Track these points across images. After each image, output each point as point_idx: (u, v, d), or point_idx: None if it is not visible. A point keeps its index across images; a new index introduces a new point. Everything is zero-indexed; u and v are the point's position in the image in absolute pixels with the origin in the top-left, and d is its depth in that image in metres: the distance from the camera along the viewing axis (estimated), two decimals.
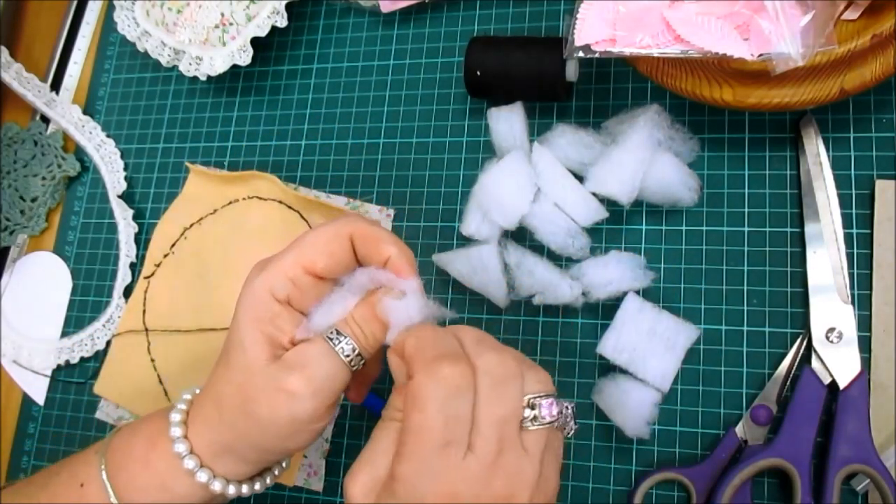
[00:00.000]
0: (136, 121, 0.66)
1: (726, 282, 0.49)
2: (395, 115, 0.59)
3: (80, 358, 0.60)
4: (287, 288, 0.38)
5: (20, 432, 0.61)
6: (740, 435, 0.46)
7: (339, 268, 0.39)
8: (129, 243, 0.61)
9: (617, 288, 0.48)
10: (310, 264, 0.38)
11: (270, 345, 0.37)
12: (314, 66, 0.62)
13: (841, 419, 0.44)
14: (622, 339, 0.47)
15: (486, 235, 0.51)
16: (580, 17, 0.45)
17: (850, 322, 0.46)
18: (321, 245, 0.38)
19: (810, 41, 0.40)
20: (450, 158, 0.56)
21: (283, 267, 0.38)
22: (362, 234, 0.38)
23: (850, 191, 0.48)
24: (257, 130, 0.62)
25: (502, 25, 0.58)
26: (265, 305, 0.37)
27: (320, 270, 0.38)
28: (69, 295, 0.63)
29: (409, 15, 0.61)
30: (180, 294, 0.58)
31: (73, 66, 0.69)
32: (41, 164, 0.65)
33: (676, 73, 0.46)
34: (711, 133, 0.51)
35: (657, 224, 0.51)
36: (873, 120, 0.49)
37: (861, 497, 0.44)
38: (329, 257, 0.38)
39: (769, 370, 0.47)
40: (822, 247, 0.47)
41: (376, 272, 0.38)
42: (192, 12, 0.60)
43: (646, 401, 0.46)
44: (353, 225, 0.38)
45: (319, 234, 0.38)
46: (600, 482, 0.48)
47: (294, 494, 0.53)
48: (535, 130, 0.54)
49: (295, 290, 0.38)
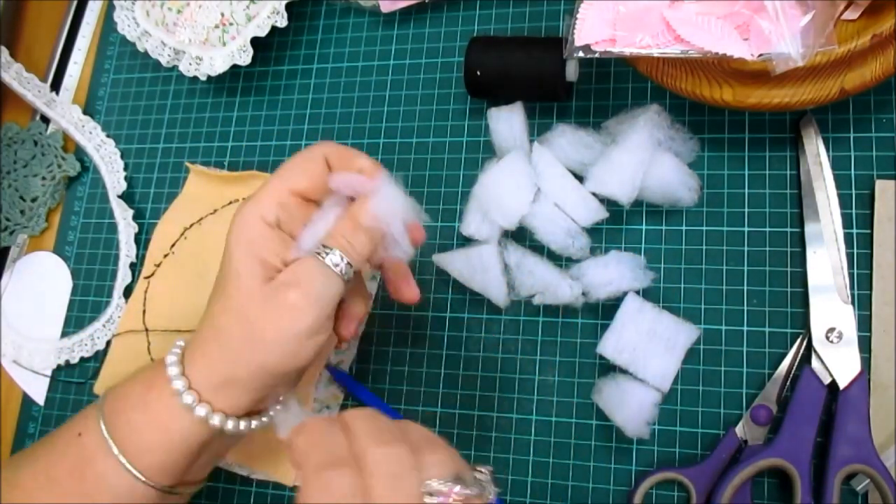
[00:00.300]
0: (136, 121, 0.66)
1: (726, 282, 0.49)
2: (395, 115, 0.59)
3: (80, 358, 0.60)
4: (276, 211, 0.40)
5: (20, 432, 0.61)
6: (740, 435, 0.46)
7: (319, 187, 0.41)
8: (129, 243, 0.61)
9: (617, 288, 0.48)
10: (293, 185, 0.41)
11: (264, 268, 0.39)
12: (314, 66, 0.62)
13: (841, 419, 0.44)
14: (622, 339, 0.47)
15: (486, 235, 0.51)
16: (580, 17, 0.45)
17: (850, 322, 0.45)
18: (300, 167, 0.41)
19: (810, 41, 0.40)
20: (450, 158, 0.56)
21: (269, 192, 0.40)
22: (334, 152, 0.42)
23: (850, 191, 0.48)
24: (257, 130, 0.62)
25: (502, 25, 0.58)
26: (257, 231, 0.39)
27: (304, 190, 0.41)
28: (69, 295, 0.63)
29: (409, 15, 0.61)
30: (180, 294, 0.58)
31: (73, 66, 0.69)
32: (41, 164, 0.65)
33: (676, 73, 0.46)
34: (711, 133, 0.51)
35: (657, 224, 0.51)
36: (873, 120, 0.49)
37: (861, 497, 0.44)
38: (309, 177, 0.41)
39: (769, 370, 0.47)
40: (822, 247, 0.47)
41: (347, 175, 0.41)
42: (192, 12, 0.60)
43: (646, 401, 0.46)
44: (325, 146, 0.42)
45: (296, 159, 0.42)
46: (600, 482, 0.48)
47: (294, 495, 0.53)
48: (535, 130, 0.54)
49: (283, 213, 0.40)
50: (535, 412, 0.50)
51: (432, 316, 0.54)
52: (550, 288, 0.48)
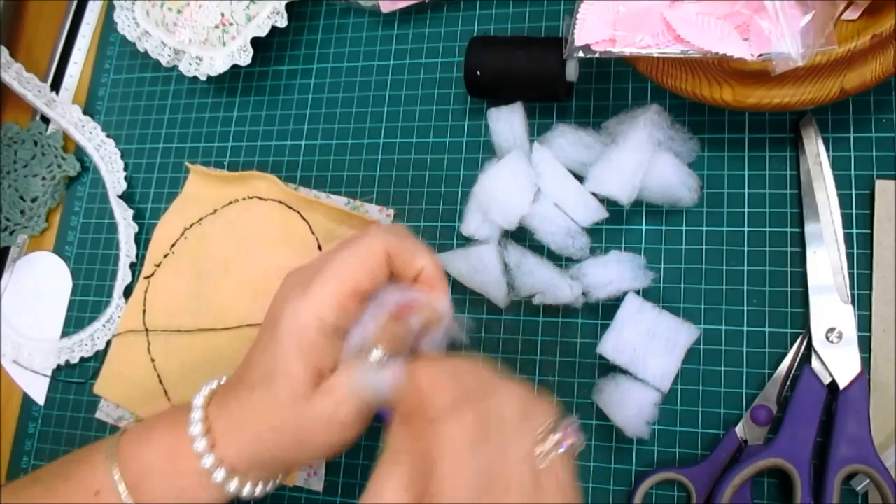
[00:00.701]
0: (136, 121, 0.66)
1: (726, 282, 0.49)
2: (395, 115, 0.59)
3: (80, 358, 0.60)
4: (336, 315, 0.37)
5: (20, 432, 0.61)
6: (740, 435, 0.46)
7: (378, 284, 0.38)
8: (129, 243, 0.61)
9: (617, 288, 0.48)
10: (356, 286, 0.37)
11: (316, 375, 0.37)
12: (314, 66, 0.62)
13: (841, 419, 0.44)
14: (622, 340, 0.47)
15: (486, 235, 0.51)
16: (580, 17, 0.45)
17: (850, 322, 0.45)
18: (361, 264, 0.37)
19: (810, 41, 0.40)
20: (450, 158, 0.56)
21: (330, 292, 0.37)
22: (397, 247, 0.38)
23: (850, 191, 0.48)
24: (257, 130, 0.62)
25: (502, 25, 0.58)
26: (314, 337, 0.37)
27: (364, 291, 0.37)
28: (69, 295, 0.63)
29: (409, 15, 0.61)
30: (180, 294, 0.58)
31: (73, 66, 0.69)
32: (41, 164, 0.65)
33: (676, 73, 0.46)
34: (711, 133, 0.51)
35: (657, 224, 0.51)
36: (873, 120, 0.49)
37: (861, 497, 0.44)
38: (371, 276, 0.37)
39: (769, 370, 0.47)
40: (822, 247, 0.47)
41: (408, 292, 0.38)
42: (192, 12, 0.60)
43: (646, 401, 0.46)
44: (386, 239, 0.38)
45: (357, 252, 0.37)
46: (600, 482, 0.48)
47: (294, 494, 0.53)
48: (535, 130, 0.54)
49: (343, 317, 0.37)
50: None
51: None
52: (550, 288, 0.48)
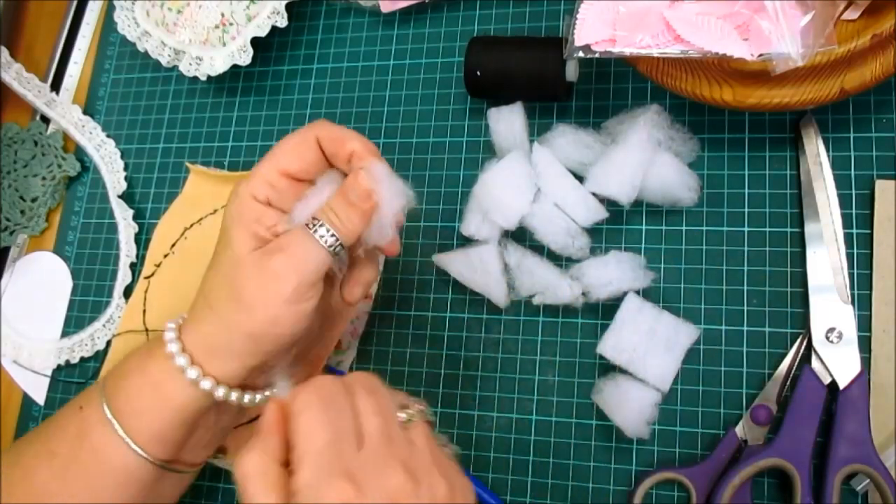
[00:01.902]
0: (136, 121, 0.66)
1: (726, 282, 0.49)
2: (395, 115, 0.59)
3: (80, 358, 0.60)
4: (266, 190, 0.41)
5: (20, 432, 0.61)
6: (740, 435, 0.46)
7: (311, 168, 0.42)
8: (129, 243, 0.61)
9: (617, 288, 0.48)
10: (284, 167, 0.42)
11: (255, 239, 0.41)
12: (314, 66, 0.62)
13: (841, 419, 0.44)
14: (622, 339, 0.47)
15: (486, 235, 0.51)
16: (580, 17, 0.45)
17: (850, 322, 0.45)
18: (291, 149, 0.42)
19: (810, 41, 0.40)
20: (450, 158, 0.56)
21: (260, 173, 0.42)
22: (327, 134, 0.42)
23: (850, 191, 0.48)
24: (257, 130, 0.62)
25: (502, 25, 0.58)
26: (248, 207, 0.41)
27: (294, 172, 0.42)
28: (69, 295, 0.63)
29: (409, 15, 0.61)
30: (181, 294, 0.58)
31: (73, 66, 0.69)
32: (41, 164, 0.65)
33: (676, 73, 0.46)
34: (711, 133, 0.51)
35: (657, 224, 0.51)
36: (873, 120, 0.49)
37: (861, 497, 0.44)
38: (300, 159, 0.42)
39: (769, 370, 0.47)
40: (822, 247, 0.47)
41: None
42: (192, 12, 0.60)
43: (646, 401, 0.46)
44: (318, 128, 0.42)
45: (289, 140, 0.42)
46: (600, 482, 0.48)
47: None
48: (535, 130, 0.54)
49: (273, 192, 0.41)
50: (535, 412, 0.50)
51: (432, 316, 0.54)
52: (550, 288, 0.48)
